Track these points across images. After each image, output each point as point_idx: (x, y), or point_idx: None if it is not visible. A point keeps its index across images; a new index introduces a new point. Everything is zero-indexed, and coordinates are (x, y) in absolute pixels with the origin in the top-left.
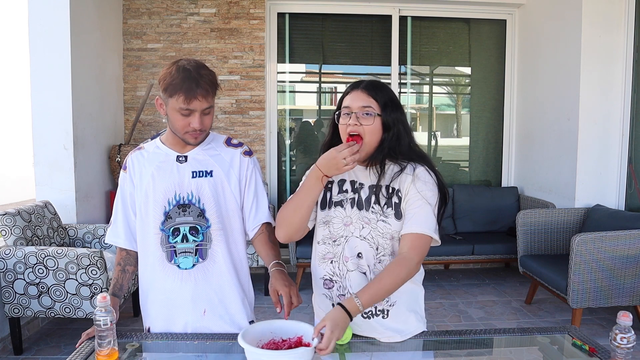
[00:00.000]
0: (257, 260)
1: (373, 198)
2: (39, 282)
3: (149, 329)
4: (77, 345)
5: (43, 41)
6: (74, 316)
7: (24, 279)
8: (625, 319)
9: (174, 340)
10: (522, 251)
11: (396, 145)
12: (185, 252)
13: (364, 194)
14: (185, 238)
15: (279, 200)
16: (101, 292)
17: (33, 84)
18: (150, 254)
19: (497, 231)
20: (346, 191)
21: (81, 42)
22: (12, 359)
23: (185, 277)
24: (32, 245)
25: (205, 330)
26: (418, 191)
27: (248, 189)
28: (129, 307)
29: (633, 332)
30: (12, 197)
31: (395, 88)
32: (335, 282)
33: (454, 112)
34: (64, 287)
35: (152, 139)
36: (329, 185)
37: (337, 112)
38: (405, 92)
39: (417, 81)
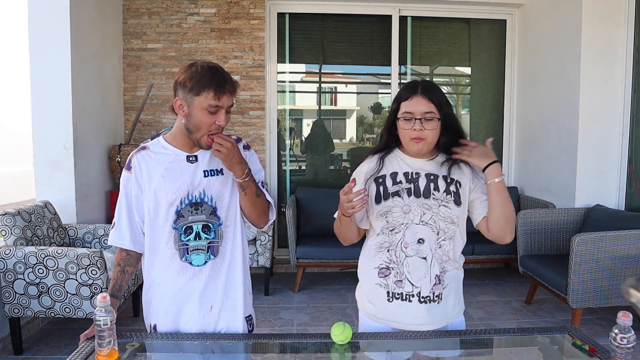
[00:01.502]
0: (257, 260)
1: (432, 185)
2: (39, 282)
3: (154, 326)
4: (80, 344)
5: (43, 41)
6: (74, 316)
7: (24, 279)
8: (625, 319)
9: (174, 340)
10: (522, 251)
11: (452, 140)
12: (198, 249)
13: (422, 182)
14: (198, 236)
15: (279, 200)
16: (101, 292)
17: (33, 84)
18: (160, 252)
19: None
20: (400, 182)
21: (81, 42)
22: (12, 359)
23: (197, 274)
24: (32, 245)
25: (210, 325)
26: (483, 183)
27: None
28: (129, 307)
29: (633, 332)
30: (12, 197)
31: (395, 88)
32: (392, 269)
33: (454, 112)
34: (64, 287)
35: (152, 139)
36: (381, 180)
37: (397, 118)
38: None
39: None
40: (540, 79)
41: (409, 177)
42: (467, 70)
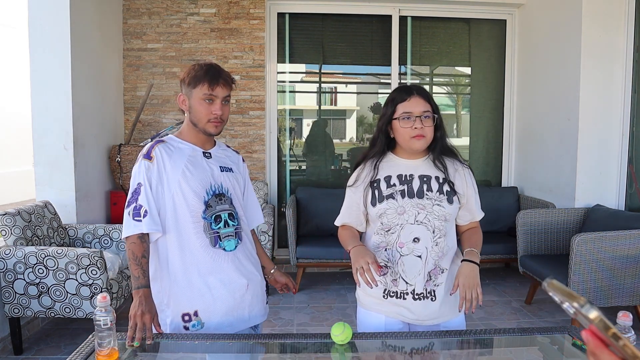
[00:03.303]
0: None
1: (425, 186)
2: (39, 282)
3: (195, 312)
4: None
5: (43, 41)
6: (74, 316)
7: (24, 279)
8: (625, 319)
9: (174, 340)
10: (522, 251)
11: (444, 141)
12: (228, 235)
13: (416, 183)
14: (226, 223)
15: (279, 200)
16: (101, 292)
17: (33, 84)
18: (189, 242)
19: (497, 231)
20: (394, 185)
21: (81, 42)
22: (12, 359)
23: (231, 258)
24: (32, 245)
25: (248, 302)
26: (474, 189)
27: (247, 189)
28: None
29: (633, 332)
30: (12, 197)
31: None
32: (389, 267)
33: (454, 112)
34: (64, 287)
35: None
36: (375, 184)
37: (392, 120)
38: None
39: (417, 81)
40: (540, 79)
41: (403, 179)
42: (467, 70)
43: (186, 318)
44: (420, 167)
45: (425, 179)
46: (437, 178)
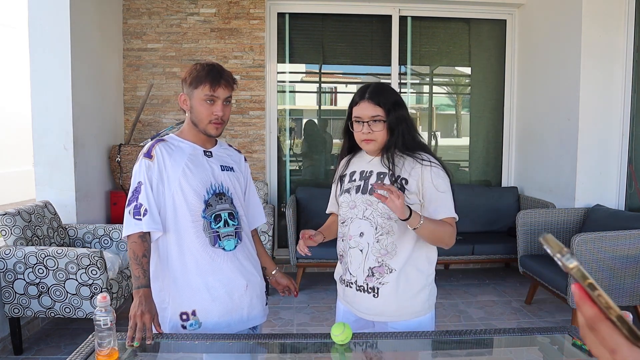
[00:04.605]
0: None
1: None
2: (39, 282)
3: (194, 311)
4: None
5: (43, 41)
6: (74, 316)
7: (24, 279)
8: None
9: (174, 340)
10: (522, 251)
11: (401, 141)
12: (228, 235)
13: (372, 180)
14: (226, 223)
15: (279, 200)
16: (101, 292)
17: (33, 84)
18: (189, 241)
19: (497, 231)
20: (354, 180)
21: (81, 42)
22: (12, 359)
23: (230, 258)
24: (32, 245)
25: (247, 303)
26: (435, 186)
27: (248, 189)
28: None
29: None
30: (12, 197)
31: (395, 88)
32: (344, 254)
33: (454, 112)
34: (64, 287)
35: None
36: (342, 178)
37: (349, 122)
38: (405, 92)
39: (417, 81)
40: (540, 79)
41: (363, 175)
42: (467, 70)
43: (184, 317)
44: (379, 165)
45: (382, 176)
46: (391, 176)
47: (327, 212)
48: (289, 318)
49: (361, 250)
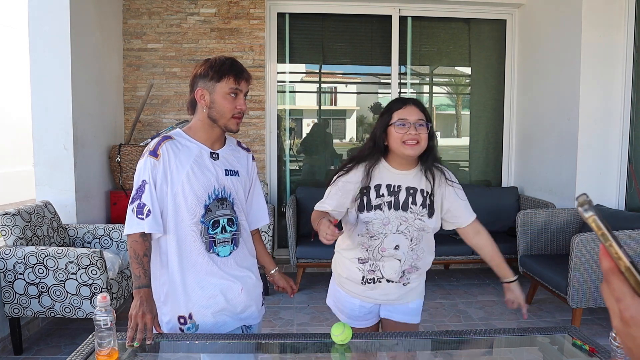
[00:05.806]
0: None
1: (410, 199)
2: (39, 282)
3: (190, 315)
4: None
5: (43, 41)
6: (74, 316)
7: (24, 279)
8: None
9: (174, 340)
10: (522, 251)
11: (436, 151)
12: (224, 241)
13: (402, 196)
14: (224, 229)
15: (279, 200)
16: (101, 292)
17: (33, 84)
18: (186, 244)
19: (497, 231)
20: (383, 195)
21: (81, 42)
22: (12, 359)
23: (224, 264)
24: (32, 245)
25: (242, 303)
26: (458, 196)
27: (253, 188)
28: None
29: None
30: (12, 197)
31: (395, 88)
32: (369, 260)
33: (454, 112)
34: (64, 287)
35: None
36: (365, 191)
37: (391, 123)
38: (405, 92)
39: (417, 81)
40: (540, 79)
41: (391, 190)
42: (467, 70)
43: (182, 321)
44: (409, 179)
45: (411, 192)
46: (422, 191)
47: (319, 209)
48: (289, 318)
49: (399, 260)
